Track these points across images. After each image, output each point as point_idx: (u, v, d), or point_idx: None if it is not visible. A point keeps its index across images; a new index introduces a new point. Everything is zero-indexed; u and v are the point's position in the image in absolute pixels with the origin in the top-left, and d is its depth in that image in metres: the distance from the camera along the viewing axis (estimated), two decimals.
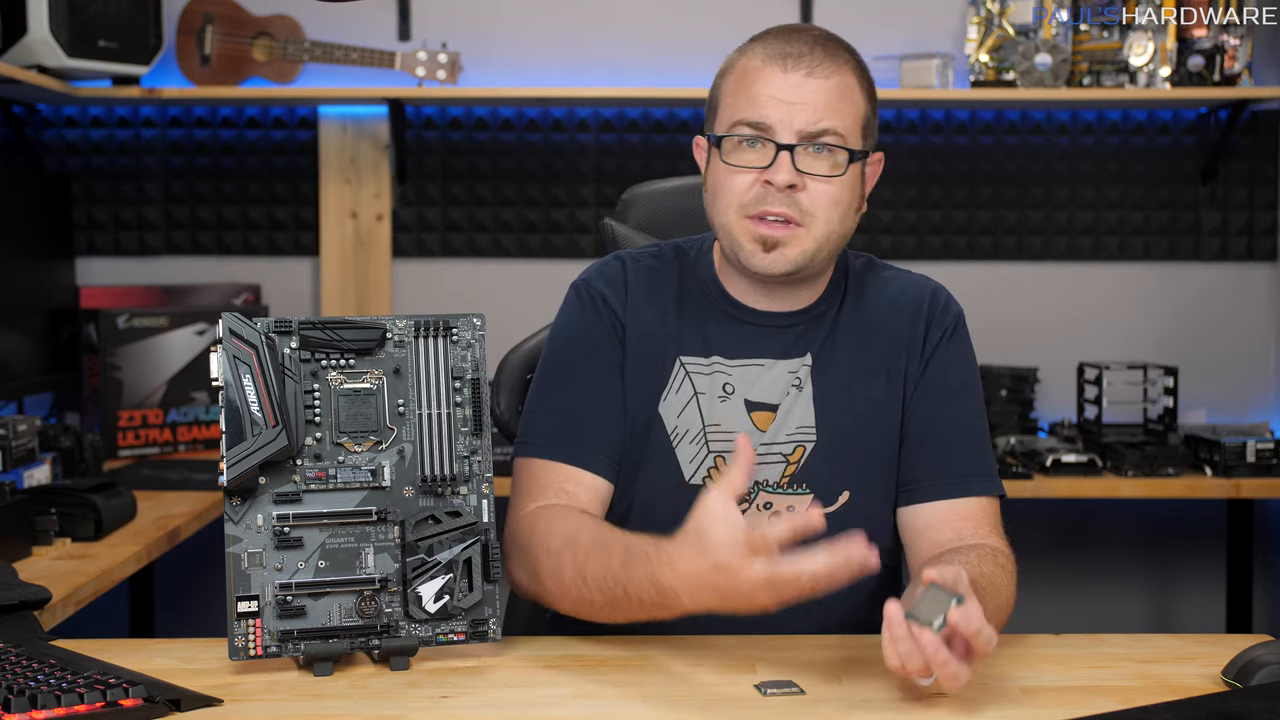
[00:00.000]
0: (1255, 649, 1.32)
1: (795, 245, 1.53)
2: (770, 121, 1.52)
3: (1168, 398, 3.13)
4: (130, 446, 3.01)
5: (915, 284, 1.67)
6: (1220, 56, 3.17)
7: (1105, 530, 3.51)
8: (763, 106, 1.52)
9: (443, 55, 3.18)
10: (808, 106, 1.52)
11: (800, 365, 1.61)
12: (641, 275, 1.66)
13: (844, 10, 3.33)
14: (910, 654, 1.22)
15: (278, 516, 1.37)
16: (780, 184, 1.51)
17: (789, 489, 1.58)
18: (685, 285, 1.65)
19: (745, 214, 1.54)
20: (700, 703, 1.28)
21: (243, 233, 3.44)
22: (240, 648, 1.35)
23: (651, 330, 1.63)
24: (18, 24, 2.88)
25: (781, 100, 1.52)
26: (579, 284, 1.67)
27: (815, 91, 1.52)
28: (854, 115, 1.55)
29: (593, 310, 1.64)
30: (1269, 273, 3.46)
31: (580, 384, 1.60)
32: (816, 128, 1.52)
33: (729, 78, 1.58)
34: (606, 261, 1.69)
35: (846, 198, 1.55)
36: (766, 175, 1.52)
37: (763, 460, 1.58)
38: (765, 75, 1.53)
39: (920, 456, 1.60)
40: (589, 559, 1.40)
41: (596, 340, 1.62)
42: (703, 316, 1.63)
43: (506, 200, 3.43)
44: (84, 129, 3.40)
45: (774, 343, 1.61)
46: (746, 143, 1.54)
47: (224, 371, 1.35)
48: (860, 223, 1.64)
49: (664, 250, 1.69)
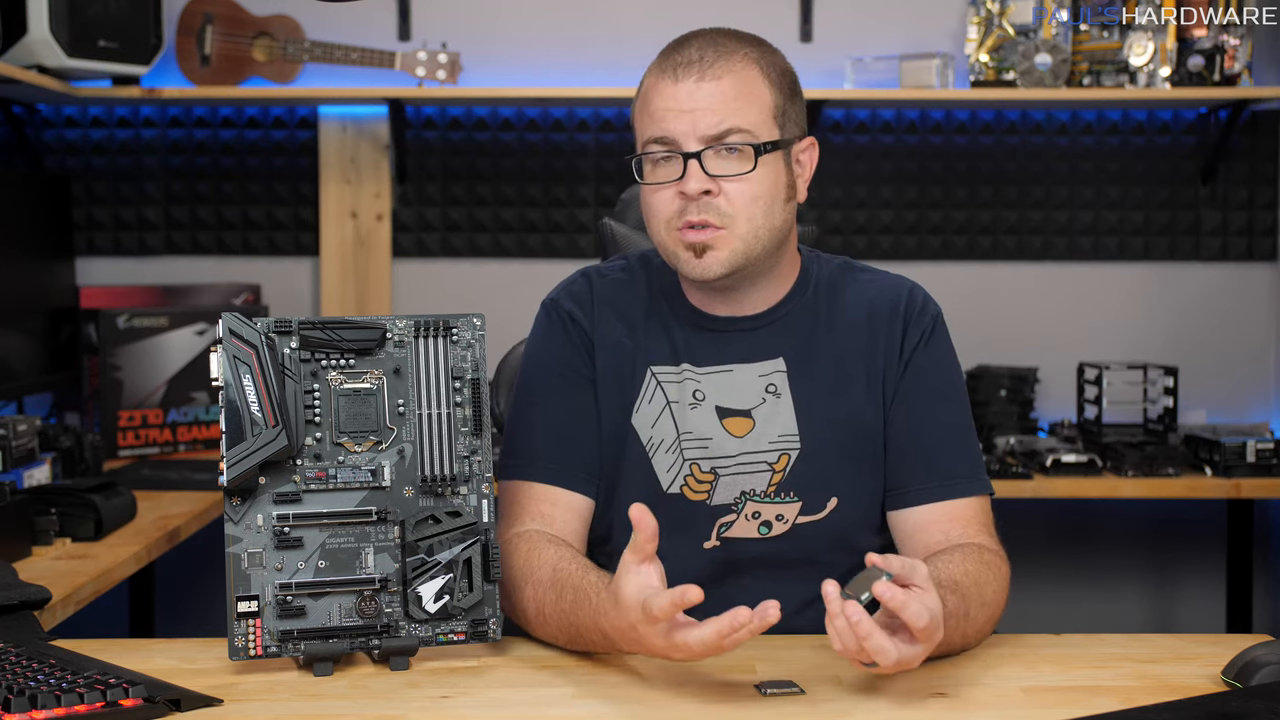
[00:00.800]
0: (1255, 649, 1.32)
1: (723, 246, 1.54)
2: (673, 134, 1.53)
3: (1168, 398, 3.13)
4: (130, 446, 3.01)
5: (892, 285, 1.67)
6: (1220, 56, 3.17)
7: (1105, 530, 3.51)
8: (663, 120, 1.54)
9: (443, 55, 3.18)
10: (705, 111, 1.52)
11: (772, 370, 1.61)
12: (608, 289, 1.67)
13: (844, 10, 3.32)
14: (843, 633, 1.23)
15: (278, 516, 1.37)
16: (693, 193, 1.52)
17: (776, 497, 1.59)
18: (652, 295, 1.66)
19: (673, 227, 1.55)
20: (700, 703, 1.28)
21: (243, 233, 3.44)
22: (240, 648, 1.35)
23: (620, 342, 1.64)
24: (18, 24, 2.88)
25: (679, 109, 1.53)
26: (547, 303, 1.69)
27: (710, 94, 1.53)
28: (759, 108, 1.55)
29: (561, 329, 1.66)
30: (1269, 273, 3.46)
31: (555, 403, 1.62)
32: (719, 129, 1.52)
33: (636, 100, 1.61)
34: (574, 279, 1.70)
35: (767, 191, 1.55)
36: (680, 186, 1.53)
37: (747, 469, 1.59)
38: (660, 89, 1.55)
39: (905, 461, 1.60)
40: (545, 596, 1.45)
41: (567, 359, 1.64)
42: (669, 325, 1.64)
43: (506, 200, 3.43)
44: (84, 129, 3.40)
45: (738, 347, 1.62)
46: (661, 160, 1.55)
47: (224, 371, 1.35)
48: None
49: (631, 262, 1.71)
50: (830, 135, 3.38)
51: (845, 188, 3.39)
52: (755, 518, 1.58)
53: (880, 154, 3.40)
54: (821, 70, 3.29)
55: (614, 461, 1.62)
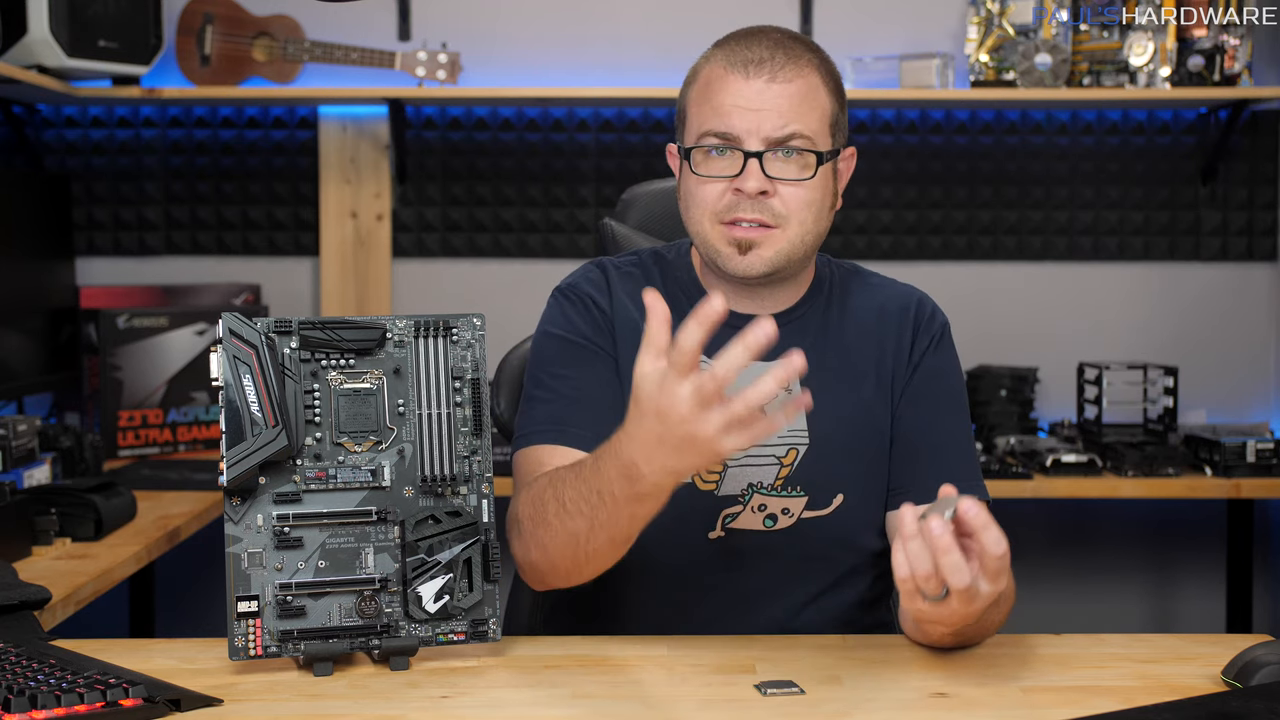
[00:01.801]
0: (1255, 649, 1.32)
1: (770, 246, 1.54)
2: (736, 131, 1.53)
3: (1168, 398, 3.13)
4: (130, 446, 3.01)
5: (902, 292, 1.69)
6: (1220, 56, 3.17)
7: (1105, 530, 3.51)
8: (727, 116, 1.53)
9: (443, 55, 3.18)
10: (773, 112, 1.52)
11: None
12: (625, 280, 1.66)
13: (844, 10, 3.32)
14: (919, 554, 1.20)
15: (278, 516, 1.37)
16: (751, 191, 1.52)
17: (783, 491, 1.59)
18: (667, 289, 1.65)
19: (719, 220, 1.55)
20: (700, 703, 1.28)
21: (243, 233, 3.44)
22: (240, 648, 1.35)
23: (636, 330, 1.62)
24: (18, 24, 2.88)
25: (746, 108, 1.52)
26: (563, 288, 1.67)
27: (779, 96, 1.53)
28: (820, 116, 1.55)
29: (582, 308, 1.64)
30: (1269, 273, 3.46)
31: (572, 372, 1.60)
32: (783, 133, 1.52)
33: (694, 87, 1.59)
34: (588, 267, 1.69)
35: (819, 198, 1.56)
36: (736, 183, 1.53)
37: (755, 461, 1.58)
38: (728, 83, 1.54)
39: (908, 462, 1.60)
40: (565, 484, 1.39)
41: (587, 334, 1.62)
42: (686, 320, 1.63)
43: (506, 200, 3.43)
44: (84, 129, 3.40)
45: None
46: (715, 151, 1.54)
47: (224, 371, 1.35)
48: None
49: (643, 258, 1.70)
50: None
51: (845, 188, 3.38)
52: (761, 510, 1.59)
53: (880, 154, 3.40)
54: None
55: None
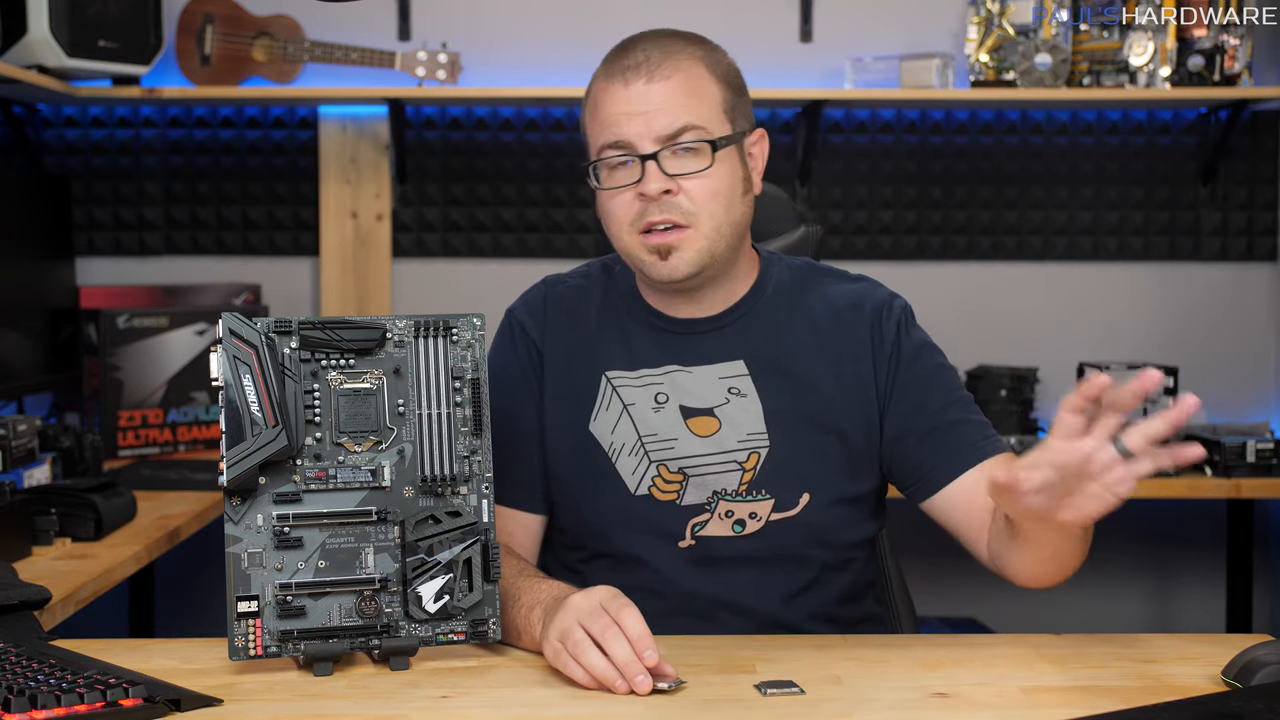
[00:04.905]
0: (1255, 649, 1.32)
1: (689, 246, 1.55)
2: (628, 137, 1.55)
3: (1168, 398, 3.13)
4: (130, 446, 3.01)
5: (857, 289, 1.68)
6: (1220, 56, 3.17)
7: (1105, 530, 3.47)
8: (616, 125, 1.55)
9: (443, 55, 3.18)
10: (658, 111, 1.54)
11: (732, 372, 1.62)
12: (565, 298, 1.69)
13: (844, 10, 3.32)
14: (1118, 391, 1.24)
15: (278, 516, 1.37)
16: (654, 193, 1.54)
17: (748, 496, 1.60)
18: (609, 301, 1.68)
19: (635, 230, 1.56)
20: (700, 703, 1.28)
21: (243, 233, 3.44)
22: (240, 648, 1.35)
23: (573, 350, 1.66)
24: (18, 24, 2.88)
25: (631, 113, 1.55)
26: (508, 311, 1.73)
27: (661, 94, 1.54)
28: (710, 105, 1.57)
29: (511, 342, 1.69)
30: (1269, 273, 3.46)
31: (505, 422, 1.62)
32: (673, 129, 1.54)
33: (586, 106, 1.62)
34: (534, 287, 1.73)
35: (726, 187, 1.57)
36: (639, 188, 1.54)
37: (717, 468, 1.60)
38: (611, 93, 1.57)
39: (928, 445, 1.60)
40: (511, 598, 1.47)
41: (513, 374, 1.67)
42: (626, 329, 1.66)
43: (506, 200, 3.43)
44: (84, 129, 3.40)
45: (697, 348, 1.63)
46: (618, 164, 1.56)
47: (224, 371, 1.35)
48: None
49: (593, 269, 1.73)
50: (830, 135, 3.38)
51: (845, 188, 3.39)
52: (728, 516, 1.60)
53: (880, 154, 3.39)
54: (821, 70, 3.29)
55: (577, 470, 1.63)
